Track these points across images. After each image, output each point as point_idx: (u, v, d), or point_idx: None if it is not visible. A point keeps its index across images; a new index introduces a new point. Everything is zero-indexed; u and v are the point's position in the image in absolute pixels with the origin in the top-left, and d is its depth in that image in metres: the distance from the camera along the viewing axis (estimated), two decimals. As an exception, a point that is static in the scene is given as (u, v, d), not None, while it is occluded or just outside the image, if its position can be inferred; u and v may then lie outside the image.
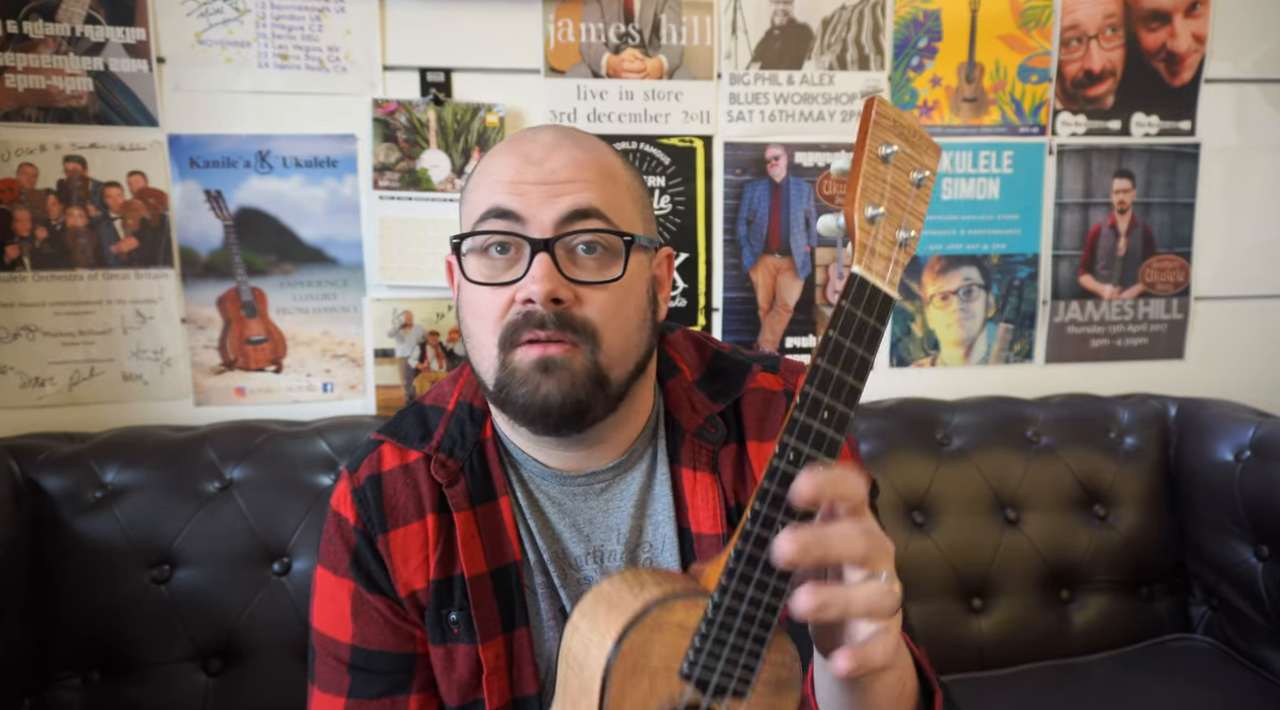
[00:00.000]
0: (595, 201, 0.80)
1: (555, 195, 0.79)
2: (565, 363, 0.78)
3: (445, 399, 0.93)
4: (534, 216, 0.79)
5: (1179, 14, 1.93)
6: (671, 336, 0.97)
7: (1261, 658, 1.66)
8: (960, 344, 1.96)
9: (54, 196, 1.61)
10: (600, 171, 0.82)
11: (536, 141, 0.83)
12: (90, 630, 1.44)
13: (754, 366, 0.94)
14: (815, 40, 1.83)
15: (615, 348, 0.81)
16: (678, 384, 0.92)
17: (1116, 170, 1.96)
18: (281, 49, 1.66)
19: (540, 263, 0.77)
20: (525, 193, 0.79)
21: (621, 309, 0.81)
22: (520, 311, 0.78)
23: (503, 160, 0.83)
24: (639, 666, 0.65)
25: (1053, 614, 1.75)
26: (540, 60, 1.74)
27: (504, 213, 0.79)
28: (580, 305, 0.79)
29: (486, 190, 0.82)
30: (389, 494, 0.88)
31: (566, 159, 0.81)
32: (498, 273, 0.81)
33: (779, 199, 1.86)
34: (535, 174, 0.80)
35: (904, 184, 0.64)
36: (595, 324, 0.79)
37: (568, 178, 0.80)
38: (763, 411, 0.91)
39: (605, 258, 0.81)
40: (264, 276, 1.70)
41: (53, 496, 1.45)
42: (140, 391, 1.68)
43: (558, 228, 0.79)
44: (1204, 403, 1.84)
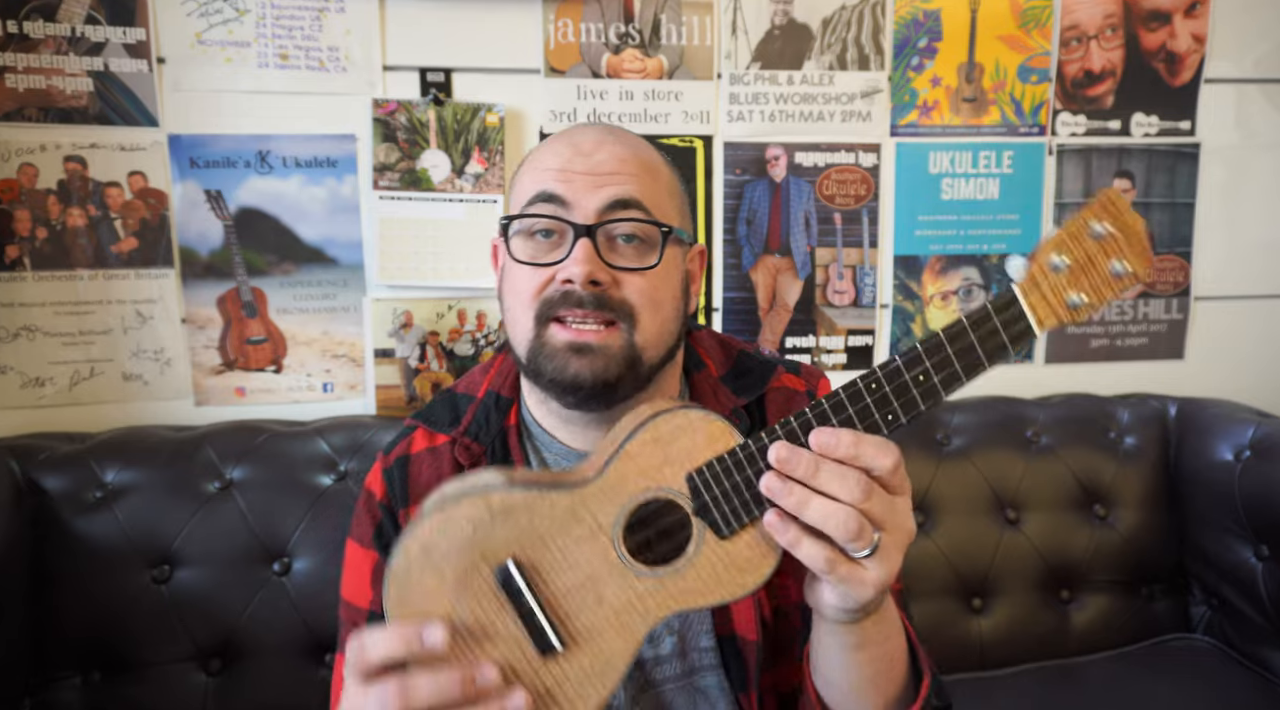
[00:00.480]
0: (636, 193, 0.85)
1: (600, 185, 0.84)
2: (601, 347, 0.82)
3: (476, 387, 0.98)
4: (578, 203, 0.84)
5: (1179, 14, 1.93)
6: (698, 334, 1.02)
7: (1261, 658, 1.66)
8: (960, 344, 1.96)
9: (54, 196, 1.61)
10: (643, 167, 0.88)
11: (585, 135, 0.88)
12: (90, 630, 1.44)
13: (778, 366, 1.00)
14: (815, 40, 1.83)
15: (651, 330, 0.85)
16: (704, 378, 0.97)
17: (1116, 170, 1.96)
18: (281, 49, 1.66)
19: (582, 246, 0.82)
20: (572, 180, 0.84)
21: (657, 294, 0.86)
22: (559, 290, 0.83)
23: (553, 149, 0.88)
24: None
25: (1053, 614, 1.75)
26: (540, 60, 1.74)
27: (550, 197, 0.84)
28: (618, 288, 0.84)
29: (536, 176, 0.87)
30: (414, 473, 0.94)
31: (612, 153, 0.87)
32: (541, 254, 0.85)
33: (779, 199, 1.86)
34: (583, 164, 0.85)
35: (1101, 262, 0.68)
36: (634, 305, 0.84)
37: (612, 170, 0.85)
38: (785, 409, 0.96)
39: (643, 247, 0.85)
40: (264, 276, 1.70)
41: (53, 496, 1.45)
42: (140, 391, 1.68)
43: (600, 215, 0.84)
44: (1204, 403, 1.84)
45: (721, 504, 0.70)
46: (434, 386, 1.77)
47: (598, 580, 0.70)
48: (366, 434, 1.59)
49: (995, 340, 0.70)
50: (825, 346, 1.91)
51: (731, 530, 0.71)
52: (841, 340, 1.92)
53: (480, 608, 0.69)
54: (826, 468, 0.68)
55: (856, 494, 0.67)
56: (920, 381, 0.70)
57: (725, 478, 0.70)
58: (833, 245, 1.89)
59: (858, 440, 0.68)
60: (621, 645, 0.71)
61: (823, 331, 1.91)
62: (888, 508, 0.69)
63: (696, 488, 0.71)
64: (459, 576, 0.69)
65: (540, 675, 0.70)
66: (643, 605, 0.71)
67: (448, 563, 0.68)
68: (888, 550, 0.69)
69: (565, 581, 0.70)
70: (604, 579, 0.70)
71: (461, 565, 0.69)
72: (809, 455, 0.68)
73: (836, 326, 1.91)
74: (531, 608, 0.69)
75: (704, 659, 0.92)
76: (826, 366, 1.92)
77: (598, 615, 0.71)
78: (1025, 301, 0.70)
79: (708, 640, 0.92)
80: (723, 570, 0.71)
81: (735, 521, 0.71)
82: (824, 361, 1.92)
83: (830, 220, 1.88)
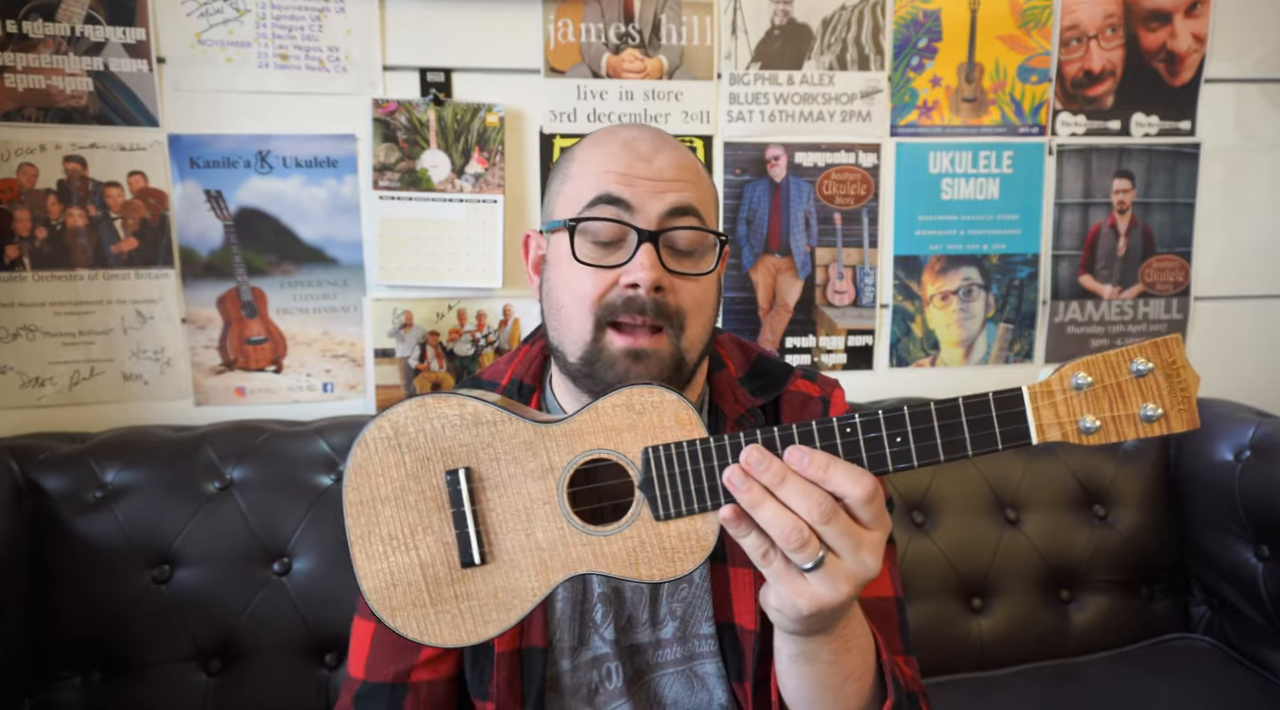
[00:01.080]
0: (693, 201, 0.88)
1: (662, 191, 0.87)
2: (655, 353, 0.85)
3: (500, 374, 1.00)
4: (643, 208, 0.86)
5: (1179, 14, 1.93)
6: (720, 337, 1.05)
7: (1261, 658, 1.66)
8: (960, 344, 1.96)
9: (54, 196, 1.61)
10: (696, 174, 0.91)
11: (641, 139, 0.90)
12: (90, 630, 1.44)
13: (795, 370, 1.04)
14: (815, 40, 1.83)
15: (695, 335, 0.88)
16: (724, 378, 1.00)
17: (1116, 170, 1.96)
18: (281, 49, 1.66)
19: (646, 252, 0.84)
20: (635, 185, 0.86)
21: (706, 300, 0.89)
22: (622, 295, 0.85)
23: (610, 151, 0.89)
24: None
25: (1053, 614, 1.75)
26: (540, 60, 1.74)
27: (615, 200, 0.86)
28: (675, 294, 0.86)
29: (596, 178, 0.88)
30: None
31: (671, 160, 0.89)
32: (601, 256, 0.87)
33: (779, 199, 1.86)
34: (645, 170, 0.87)
35: (1134, 401, 0.68)
36: (685, 312, 0.86)
37: (673, 177, 0.88)
38: (800, 412, 1.00)
39: (698, 254, 0.89)
40: (264, 276, 1.70)
41: (53, 496, 1.45)
42: (140, 391, 1.68)
43: (662, 222, 0.86)
44: (1204, 403, 1.83)
45: (667, 485, 0.72)
46: (434, 386, 1.77)
47: (533, 516, 0.74)
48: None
49: (985, 430, 0.69)
50: (825, 346, 1.91)
51: (668, 515, 0.72)
52: (841, 340, 1.92)
53: (424, 500, 0.74)
54: (792, 481, 0.69)
55: (814, 514, 0.68)
56: (896, 443, 0.70)
57: (679, 463, 0.72)
58: (833, 245, 1.89)
59: (830, 463, 0.69)
60: (534, 585, 0.74)
61: (823, 331, 1.91)
62: (847, 537, 0.68)
63: (649, 462, 0.73)
64: (416, 464, 0.74)
65: (454, 581, 0.74)
66: (566, 554, 0.73)
67: (410, 449, 0.74)
68: (835, 574, 0.69)
69: (505, 505, 0.74)
70: (539, 517, 0.74)
71: (421, 455, 0.74)
72: (779, 464, 0.69)
73: (836, 326, 1.91)
74: (466, 517, 0.73)
75: (703, 646, 0.94)
76: (826, 366, 1.92)
77: (523, 547, 0.73)
78: (1031, 404, 0.69)
79: (707, 627, 0.93)
80: (647, 551, 0.73)
81: (674, 508, 0.72)
82: (824, 361, 1.92)
83: (830, 220, 1.88)
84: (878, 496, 0.69)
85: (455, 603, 0.73)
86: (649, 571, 0.73)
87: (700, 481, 0.72)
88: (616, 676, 0.92)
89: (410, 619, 0.73)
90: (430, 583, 0.74)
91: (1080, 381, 0.68)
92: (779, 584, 0.70)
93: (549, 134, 1.76)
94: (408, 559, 0.74)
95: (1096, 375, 0.68)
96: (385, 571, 0.74)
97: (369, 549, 0.74)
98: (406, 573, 0.74)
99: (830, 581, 0.68)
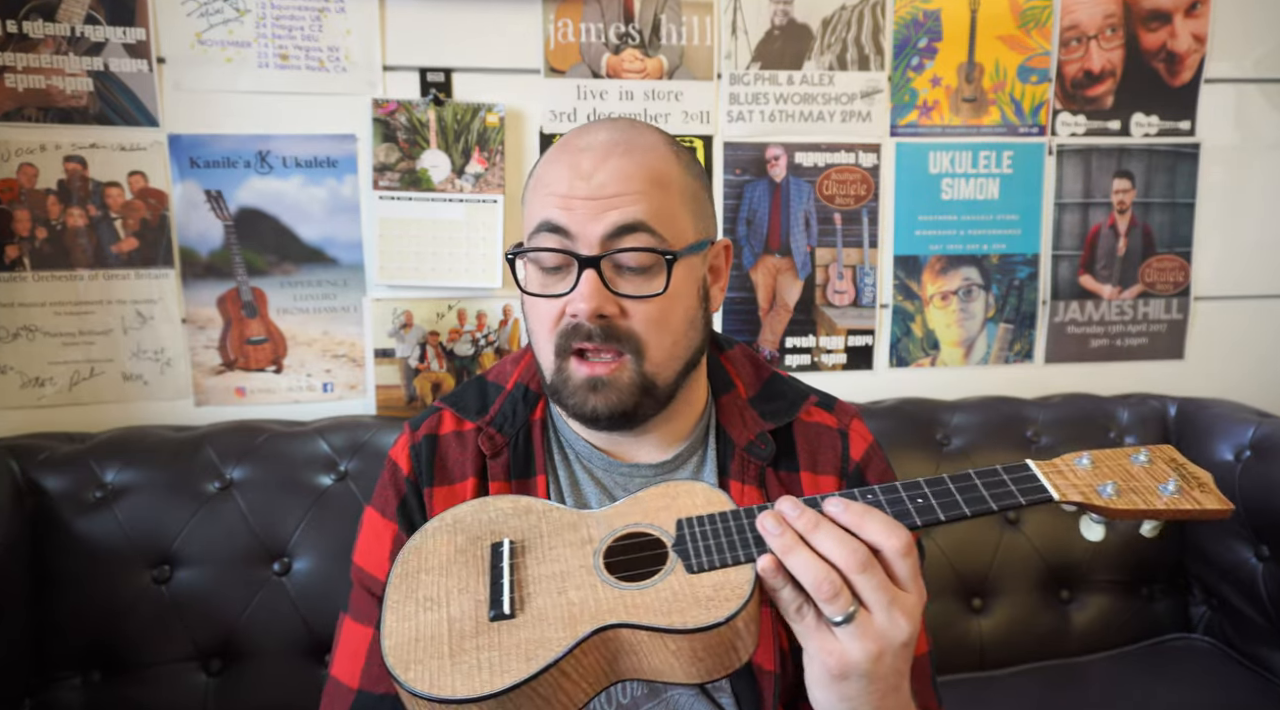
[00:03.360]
0: (642, 215, 0.82)
1: (602, 211, 0.82)
2: (612, 380, 0.84)
3: (505, 378, 0.99)
4: (582, 232, 0.82)
5: (1179, 14, 1.93)
6: (731, 353, 1.01)
7: (1261, 658, 1.66)
8: (960, 344, 1.96)
9: (54, 196, 1.61)
10: (649, 180, 0.84)
11: (588, 149, 0.85)
12: (90, 630, 1.44)
13: (810, 396, 0.99)
14: (815, 40, 1.83)
15: (661, 354, 0.85)
16: (731, 400, 0.96)
17: (1116, 170, 1.96)
18: (281, 49, 1.66)
19: (587, 280, 0.81)
20: (574, 208, 0.82)
21: (667, 319, 0.85)
22: (569, 323, 0.84)
23: (555, 172, 0.85)
24: None
25: (1053, 614, 1.75)
26: (540, 60, 1.75)
27: (555, 228, 0.83)
28: (626, 317, 0.83)
29: (541, 202, 0.85)
30: (441, 453, 0.95)
31: (615, 171, 0.83)
32: (550, 284, 0.86)
33: (779, 199, 1.86)
34: (584, 189, 0.82)
35: (1147, 481, 0.72)
36: (640, 335, 0.84)
37: (615, 192, 0.82)
38: (815, 444, 0.96)
39: (652, 271, 0.84)
40: (264, 276, 1.70)
41: (53, 496, 1.45)
42: (140, 391, 1.68)
43: (604, 244, 0.82)
44: (1204, 403, 1.84)
45: (699, 542, 0.74)
46: (434, 387, 1.77)
47: (568, 576, 0.76)
48: (366, 434, 1.59)
49: (1002, 488, 0.73)
50: (825, 346, 1.91)
51: (702, 567, 0.73)
52: (841, 340, 1.92)
53: (466, 568, 0.77)
54: (827, 528, 0.69)
55: (850, 562, 0.67)
56: (918, 502, 0.74)
57: (711, 525, 0.75)
58: (833, 245, 1.89)
59: (866, 512, 0.69)
60: (560, 635, 0.72)
61: (823, 331, 1.91)
62: (882, 592, 0.67)
63: (682, 531, 0.76)
64: (466, 541, 0.79)
65: (478, 634, 0.73)
66: (596, 607, 0.73)
67: (464, 532, 0.80)
68: (865, 631, 0.66)
69: (542, 570, 0.76)
70: (573, 576, 0.76)
71: (472, 535, 0.79)
72: (813, 512, 0.70)
73: (836, 326, 1.91)
74: (504, 573, 0.76)
75: (715, 683, 0.90)
76: (826, 366, 1.92)
77: (554, 605, 0.74)
78: (1041, 473, 0.72)
79: None
80: (681, 601, 0.73)
81: (708, 561, 0.73)
82: (824, 361, 1.92)
83: (830, 220, 1.88)
84: (913, 553, 0.68)
85: (475, 654, 0.72)
86: (683, 619, 0.71)
87: (732, 536, 0.74)
88: (619, 694, 0.90)
89: (424, 671, 0.71)
90: (454, 636, 0.72)
91: (1084, 463, 0.71)
92: (810, 642, 0.69)
93: (549, 134, 1.76)
94: (437, 616, 0.74)
95: (1098, 461, 0.72)
96: (411, 629, 0.73)
97: (401, 611, 0.74)
98: (432, 628, 0.73)
99: (859, 638, 0.66)
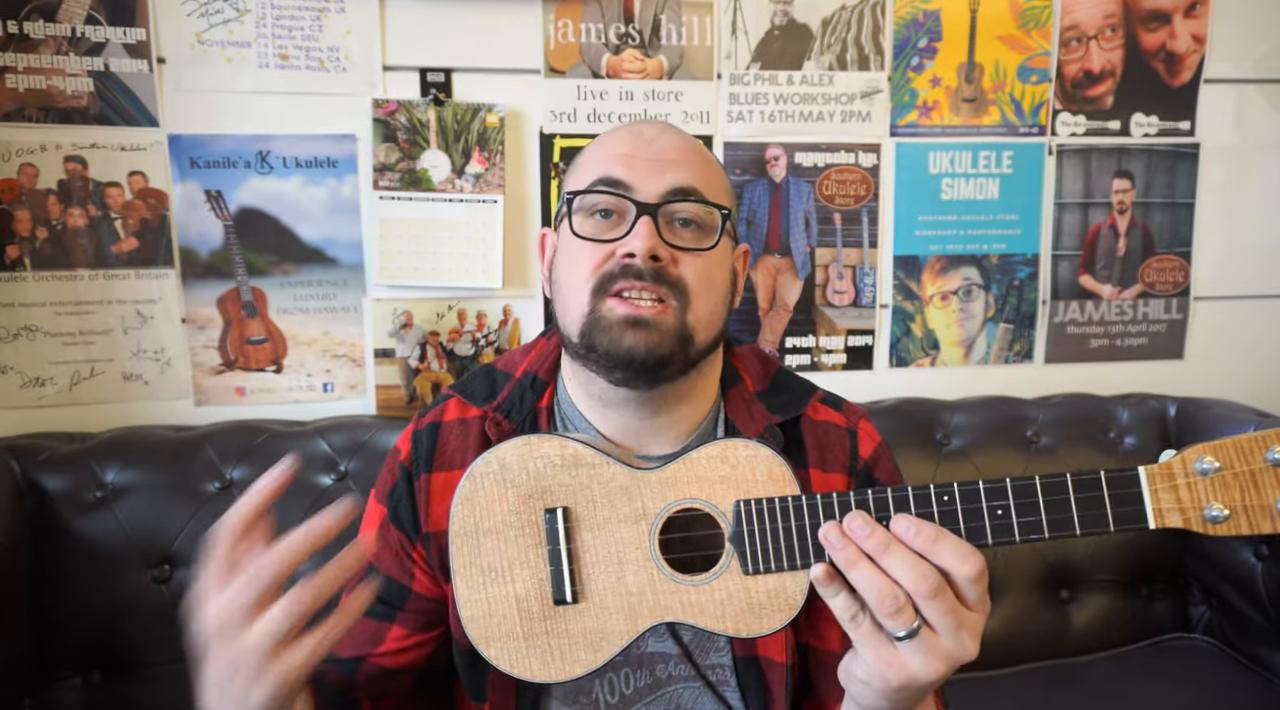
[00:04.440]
0: (696, 182, 0.87)
1: (662, 170, 0.86)
2: (656, 322, 0.83)
3: (514, 366, 0.99)
4: (641, 186, 0.85)
5: (1179, 14, 1.93)
6: (739, 349, 1.02)
7: (1261, 658, 1.66)
8: (960, 344, 1.96)
9: (54, 196, 1.61)
10: (701, 157, 0.91)
11: (649, 125, 0.92)
12: (90, 630, 1.44)
13: (817, 391, 1.00)
14: (815, 40, 1.83)
15: (703, 311, 0.86)
16: (739, 393, 0.97)
17: (1116, 170, 1.96)
18: (281, 49, 1.66)
19: (644, 222, 0.83)
20: (635, 166, 0.86)
21: (712, 277, 0.87)
22: (619, 263, 0.84)
23: (616, 137, 0.90)
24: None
25: (1053, 614, 1.75)
26: (540, 60, 1.75)
27: (614, 182, 0.86)
28: (675, 266, 0.85)
29: (599, 161, 0.88)
30: (443, 441, 0.94)
31: (674, 142, 0.89)
32: (601, 232, 0.86)
33: (779, 199, 1.86)
34: (646, 151, 0.87)
35: (1270, 492, 0.62)
36: (688, 283, 0.85)
37: (674, 158, 0.88)
38: (824, 442, 0.95)
39: (700, 232, 0.87)
40: (264, 276, 1.70)
41: (53, 496, 1.45)
42: (140, 391, 1.68)
43: (662, 198, 0.85)
44: (1203, 403, 1.84)
45: (757, 540, 0.72)
46: (434, 387, 1.77)
47: (625, 560, 0.75)
48: (367, 434, 1.59)
49: (1096, 509, 0.65)
50: (825, 346, 1.91)
51: (758, 570, 0.72)
52: (841, 340, 1.92)
53: (523, 536, 0.76)
54: (897, 550, 0.67)
55: (920, 588, 0.65)
56: (997, 515, 0.68)
57: (771, 518, 0.72)
58: (832, 245, 1.89)
59: (939, 536, 0.67)
60: (623, 627, 0.74)
61: (822, 331, 1.91)
62: (950, 616, 0.66)
63: (740, 516, 0.73)
64: (520, 498, 0.77)
65: (546, 617, 0.75)
66: (655, 601, 0.74)
67: (514, 485, 0.77)
68: (931, 649, 0.66)
69: (598, 546, 0.75)
70: (631, 561, 0.75)
71: (525, 491, 0.77)
72: (883, 532, 0.67)
73: (836, 326, 1.91)
74: (561, 555, 0.75)
75: (715, 675, 0.91)
76: (826, 366, 1.92)
77: (614, 590, 0.74)
78: (1149, 486, 0.64)
79: (719, 657, 0.91)
80: (735, 605, 0.73)
81: (764, 564, 0.71)
82: (824, 361, 1.92)
83: (830, 220, 1.88)
84: (985, 576, 0.67)
85: (546, 639, 0.75)
86: (735, 626, 0.73)
87: (791, 539, 0.71)
88: (622, 684, 0.91)
89: (504, 650, 0.75)
90: (524, 616, 0.75)
91: (1206, 466, 0.63)
92: (866, 650, 0.67)
93: (549, 134, 1.76)
94: (504, 591, 0.76)
95: (1225, 460, 0.63)
96: (484, 601, 0.76)
97: (470, 579, 0.77)
98: (502, 605, 0.76)
99: (925, 655, 0.66)
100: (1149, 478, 0.64)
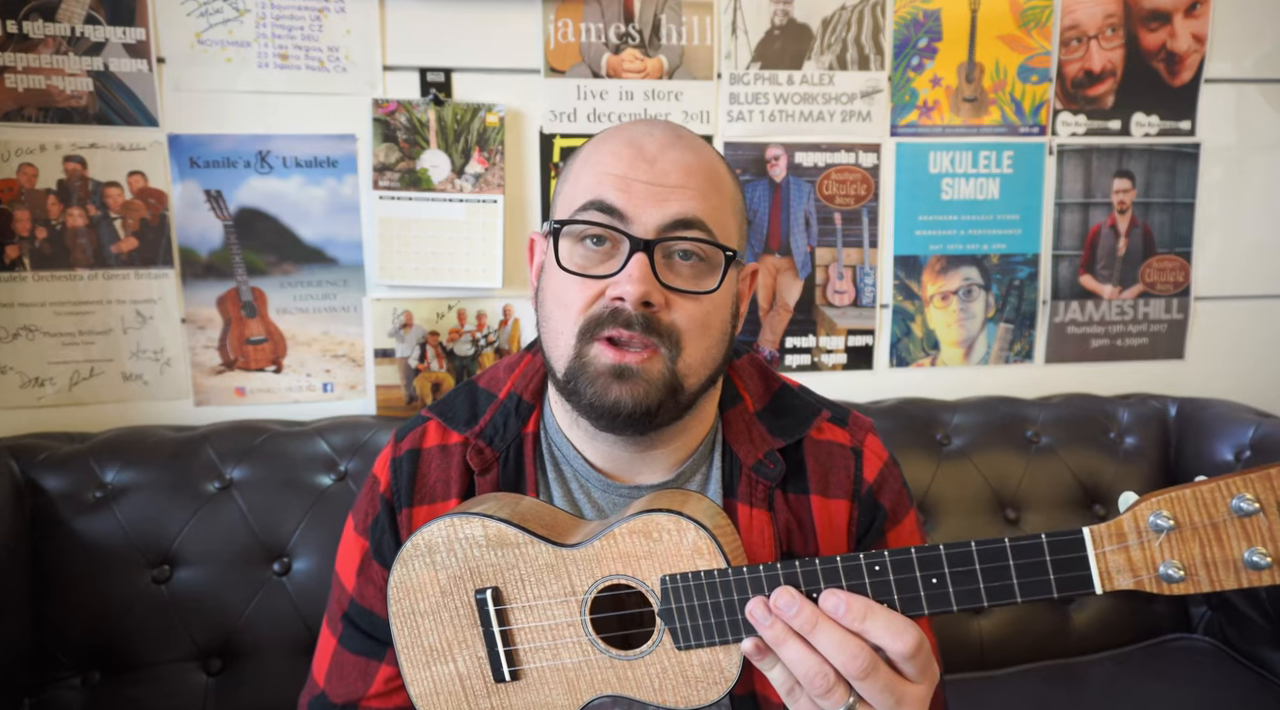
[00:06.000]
0: (700, 212, 0.78)
1: (663, 199, 0.78)
2: (642, 371, 0.77)
3: (499, 385, 0.93)
4: (638, 216, 0.77)
5: (1179, 14, 1.93)
6: (738, 363, 0.95)
7: (1261, 658, 1.66)
8: (960, 344, 1.96)
9: (54, 196, 1.61)
10: (709, 180, 0.81)
11: (650, 136, 0.81)
12: (90, 630, 1.44)
13: (822, 411, 0.93)
14: (815, 40, 1.83)
15: (695, 358, 0.79)
16: (738, 414, 0.91)
17: (1116, 170, 1.96)
18: (281, 49, 1.66)
19: (638, 263, 0.75)
20: (633, 190, 0.78)
21: (709, 321, 0.80)
22: (608, 306, 0.77)
23: (613, 149, 0.81)
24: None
25: (1053, 614, 1.75)
26: (540, 60, 1.74)
27: (608, 208, 0.78)
28: (669, 311, 0.78)
29: (593, 179, 0.80)
30: (423, 470, 0.90)
31: (678, 161, 0.79)
32: (591, 264, 0.79)
33: (779, 199, 1.86)
34: (646, 173, 0.78)
35: (1233, 545, 0.58)
36: (680, 331, 0.78)
37: (677, 182, 0.78)
38: (827, 465, 0.90)
39: (702, 268, 0.79)
40: (264, 276, 1.70)
41: (53, 496, 1.45)
42: (140, 391, 1.68)
43: (660, 232, 0.77)
44: (1204, 403, 1.84)
45: (686, 617, 0.71)
46: (434, 387, 1.77)
47: (559, 638, 0.75)
48: (366, 434, 1.59)
49: (1038, 576, 0.61)
50: (825, 346, 1.91)
51: (689, 645, 0.71)
52: (841, 340, 1.92)
53: (457, 617, 0.77)
54: (826, 628, 0.64)
55: (851, 667, 0.62)
56: (932, 584, 0.63)
57: (699, 594, 0.70)
58: (833, 245, 1.89)
59: (868, 612, 0.63)
60: (565, 701, 0.76)
61: (823, 331, 1.91)
62: (887, 694, 0.63)
63: (667, 592, 0.71)
64: (450, 580, 0.76)
65: (490, 694, 0.77)
66: (591, 675, 0.75)
67: (443, 566, 0.76)
68: None
69: (532, 625, 0.76)
70: (565, 639, 0.75)
71: (453, 572, 0.76)
72: (811, 608, 0.65)
73: (836, 326, 1.91)
74: (495, 637, 0.76)
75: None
76: (826, 366, 1.92)
77: (551, 668, 0.76)
78: (1094, 548, 0.60)
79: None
80: (671, 678, 0.73)
81: (694, 639, 0.71)
82: (824, 361, 1.92)
83: (830, 220, 1.88)
84: (923, 649, 0.63)
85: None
86: (674, 699, 0.73)
87: (721, 614, 0.69)
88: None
89: None
90: (470, 694, 0.77)
91: (1161, 523, 0.58)
92: None
93: (549, 134, 1.76)
94: (448, 670, 0.77)
95: (1183, 515, 0.58)
96: (429, 679, 0.78)
97: (413, 658, 0.78)
98: (448, 683, 0.78)
99: (832, 684, 0.64)
100: (1094, 539, 0.60)
